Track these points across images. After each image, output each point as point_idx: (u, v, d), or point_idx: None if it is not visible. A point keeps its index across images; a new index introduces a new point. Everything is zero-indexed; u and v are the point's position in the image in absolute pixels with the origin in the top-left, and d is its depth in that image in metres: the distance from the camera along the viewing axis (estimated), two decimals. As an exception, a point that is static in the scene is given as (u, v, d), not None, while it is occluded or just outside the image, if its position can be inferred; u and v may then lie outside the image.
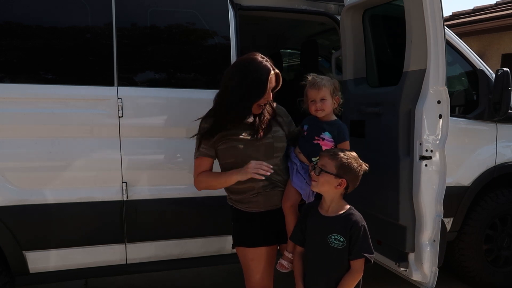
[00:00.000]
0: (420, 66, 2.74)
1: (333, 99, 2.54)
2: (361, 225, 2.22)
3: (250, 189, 2.43)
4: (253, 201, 2.44)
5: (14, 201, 2.71)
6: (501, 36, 9.65)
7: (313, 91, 2.52)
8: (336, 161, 2.22)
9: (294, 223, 2.42)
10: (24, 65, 2.76)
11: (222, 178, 2.44)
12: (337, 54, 3.93)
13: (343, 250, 2.19)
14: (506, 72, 3.43)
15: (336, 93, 2.56)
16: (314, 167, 2.26)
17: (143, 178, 2.94)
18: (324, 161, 2.25)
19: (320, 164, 2.25)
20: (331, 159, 2.23)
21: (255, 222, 2.47)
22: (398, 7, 2.96)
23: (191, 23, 3.12)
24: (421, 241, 2.86)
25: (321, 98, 2.51)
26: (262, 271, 2.50)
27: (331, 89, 2.52)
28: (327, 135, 2.51)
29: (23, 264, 2.80)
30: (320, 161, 2.28)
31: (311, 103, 2.54)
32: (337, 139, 2.52)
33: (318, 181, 2.24)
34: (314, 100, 2.53)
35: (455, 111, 3.58)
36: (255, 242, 2.47)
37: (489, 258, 3.86)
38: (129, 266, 3.03)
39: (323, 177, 2.22)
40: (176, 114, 2.98)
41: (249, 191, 2.43)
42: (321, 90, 2.50)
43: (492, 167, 3.66)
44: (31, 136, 2.72)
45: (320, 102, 2.51)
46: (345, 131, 2.55)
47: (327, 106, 2.51)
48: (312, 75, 2.59)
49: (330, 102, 2.52)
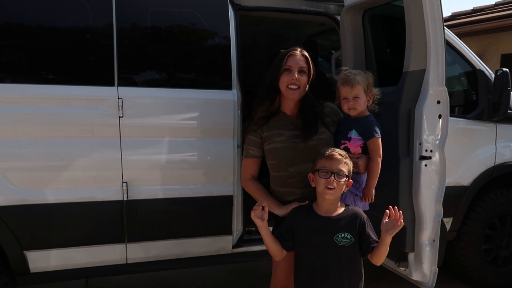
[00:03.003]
0: (420, 66, 2.75)
1: (367, 96, 2.41)
2: (365, 218, 2.25)
3: (291, 194, 2.44)
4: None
5: (14, 201, 2.71)
6: (501, 36, 9.66)
7: (345, 89, 2.39)
8: (348, 165, 2.22)
9: None
10: (24, 65, 2.76)
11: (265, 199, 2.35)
12: (337, 54, 3.94)
13: (352, 247, 2.20)
14: (506, 72, 3.44)
15: (370, 89, 2.42)
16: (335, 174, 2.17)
17: (144, 178, 2.94)
18: (341, 166, 2.19)
19: (337, 169, 2.18)
20: (344, 163, 2.21)
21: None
22: (398, 7, 2.96)
23: (191, 23, 3.13)
24: (421, 240, 2.87)
25: (354, 96, 2.37)
26: (289, 270, 2.48)
27: (365, 85, 2.39)
28: (354, 133, 2.40)
29: (24, 264, 2.80)
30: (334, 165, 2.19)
31: (344, 101, 2.42)
32: (365, 136, 2.38)
33: (336, 188, 2.18)
34: (346, 98, 2.40)
35: (454, 111, 3.59)
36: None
37: (489, 258, 3.87)
38: (129, 266, 3.03)
39: (342, 182, 2.19)
40: (176, 114, 2.98)
41: (291, 196, 2.44)
42: (355, 88, 2.36)
43: (491, 167, 3.67)
44: (31, 136, 2.72)
45: (353, 101, 2.38)
46: (372, 127, 2.39)
47: (360, 104, 2.39)
48: (345, 69, 2.48)
49: (364, 100, 2.39)
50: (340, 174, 2.18)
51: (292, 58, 2.41)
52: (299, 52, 2.43)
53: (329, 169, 2.18)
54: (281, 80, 2.40)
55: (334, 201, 2.25)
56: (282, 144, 2.41)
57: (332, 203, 2.24)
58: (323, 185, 2.18)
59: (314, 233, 2.24)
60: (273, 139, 2.43)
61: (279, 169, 2.44)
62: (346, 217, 2.24)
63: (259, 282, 3.98)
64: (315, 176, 2.23)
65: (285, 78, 2.39)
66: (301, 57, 2.42)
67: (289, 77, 2.38)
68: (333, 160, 2.19)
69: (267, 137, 2.45)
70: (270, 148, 2.44)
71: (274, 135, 2.43)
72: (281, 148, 2.41)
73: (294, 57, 2.41)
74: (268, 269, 2.70)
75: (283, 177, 2.45)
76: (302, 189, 2.41)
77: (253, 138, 2.50)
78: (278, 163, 2.43)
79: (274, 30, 4.96)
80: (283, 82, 2.40)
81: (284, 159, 2.41)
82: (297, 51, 2.43)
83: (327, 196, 2.20)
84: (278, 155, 2.41)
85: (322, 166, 2.20)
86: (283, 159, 2.41)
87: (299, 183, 2.42)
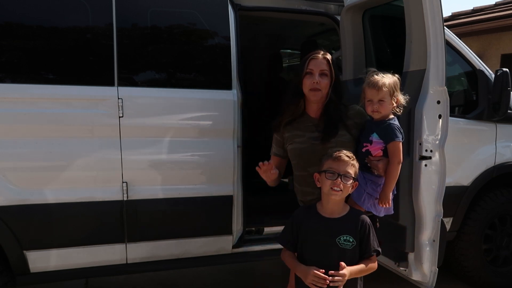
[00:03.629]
0: (420, 66, 2.75)
1: (392, 100, 2.38)
2: (369, 223, 2.24)
3: (310, 194, 2.47)
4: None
5: (14, 201, 2.71)
6: (501, 36, 9.66)
7: (371, 91, 2.36)
8: (355, 167, 2.22)
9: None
10: (24, 65, 2.76)
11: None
12: (337, 54, 3.93)
13: (353, 250, 2.19)
14: (506, 72, 3.43)
15: (397, 94, 2.39)
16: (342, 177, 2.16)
17: (144, 178, 2.94)
18: (348, 168, 2.19)
19: (344, 171, 2.17)
20: (351, 165, 2.20)
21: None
22: (398, 7, 2.96)
23: (191, 23, 3.13)
24: (421, 241, 2.87)
25: (379, 100, 2.35)
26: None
27: (391, 89, 2.35)
28: (375, 137, 2.38)
29: (24, 264, 2.80)
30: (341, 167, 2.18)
31: (368, 103, 2.40)
32: (386, 139, 2.36)
33: (343, 190, 2.18)
34: (371, 100, 2.38)
35: (454, 111, 3.58)
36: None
37: (489, 258, 3.87)
38: (129, 266, 3.03)
39: (349, 185, 2.19)
40: (176, 114, 2.98)
41: (309, 196, 2.48)
42: (381, 91, 2.33)
43: (491, 167, 3.67)
44: (31, 136, 2.72)
45: (377, 104, 2.35)
46: (394, 131, 2.36)
47: (384, 108, 2.36)
48: (373, 71, 2.45)
49: (388, 104, 2.37)
50: (347, 176, 2.18)
51: (314, 61, 2.45)
52: (321, 56, 2.46)
53: (336, 171, 2.17)
54: (304, 84, 2.45)
55: (339, 202, 2.25)
56: (302, 145, 2.47)
57: (336, 203, 2.24)
58: (328, 186, 2.18)
59: (317, 234, 2.23)
60: (294, 139, 2.50)
61: (299, 169, 2.52)
62: (350, 219, 2.23)
63: (259, 282, 3.98)
64: (321, 177, 2.23)
65: (307, 81, 2.43)
66: (323, 60, 2.46)
67: (310, 80, 2.42)
68: (340, 161, 2.19)
69: (289, 138, 2.53)
70: (291, 148, 2.52)
71: (295, 136, 2.50)
72: (300, 149, 2.48)
73: (316, 60, 2.45)
74: (268, 269, 2.70)
75: (303, 176, 2.51)
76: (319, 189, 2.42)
77: (276, 136, 2.62)
78: (298, 163, 2.51)
79: (274, 30, 4.96)
80: (306, 85, 2.44)
81: (302, 159, 2.47)
82: (319, 54, 2.47)
83: (333, 197, 2.20)
84: (297, 155, 2.49)
85: (329, 167, 2.20)
86: (302, 159, 2.47)
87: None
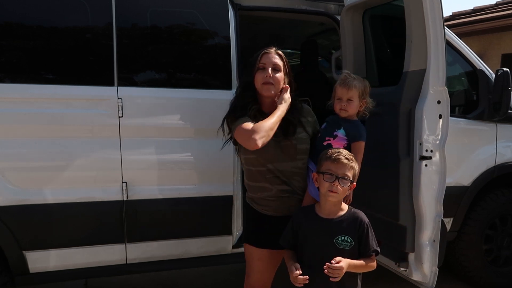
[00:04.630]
0: (420, 66, 2.74)
1: (360, 102, 2.47)
2: (367, 223, 2.23)
3: (267, 190, 2.43)
4: (270, 205, 2.46)
5: (14, 201, 2.71)
6: (501, 36, 9.65)
7: (342, 90, 2.46)
8: (354, 169, 2.20)
9: None
10: (24, 65, 2.76)
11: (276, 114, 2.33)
12: (337, 54, 3.93)
13: (351, 250, 2.19)
14: (506, 72, 3.43)
15: (365, 96, 2.49)
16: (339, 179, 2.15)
17: (143, 178, 2.94)
18: (347, 170, 2.17)
19: (342, 174, 2.16)
20: (350, 167, 2.19)
21: (267, 225, 2.48)
22: (398, 7, 2.96)
23: (191, 23, 3.12)
24: (421, 241, 2.86)
25: (348, 99, 2.45)
26: (263, 271, 2.54)
27: (360, 91, 2.46)
28: (341, 132, 2.44)
29: (23, 264, 2.80)
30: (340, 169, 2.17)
31: (337, 101, 2.49)
32: (351, 137, 2.43)
33: (340, 192, 2.16)
34: (340, 99, 2.47)
35: (455, 111, 3.58)
36: (264, 243, 2.49)
37: (489, 258, 3.86)
38: (129, 266, 3.03)
39: (346, 187, 2.18)
40: (176, 114, 2.98)
41: (266, 192, 2.44)
42: (351, 91, 2.44)
43: (492, 167, 3.67)
44: (31, 136, 2.72)
45: (345, 102, 2.45)
46: (361, 131, 2.46)
47: (352, 107, 2.45)
48: (346, 73, 2.54)
49: (356, 104, 2.46)
50: (345, 179, 2.16)
51: (266, 56, 2.43)
52: (273, 51, 2.45)
53: (334, 173, 2.16)
54: (256, 79, 2.41)
55: (337, 203, 2.24)
56: None
57: (334, 204, 2.23)
58: (326, 187, 2.17)
59: (315, 235, 2.23)
60: None
61: (257, 164, 2.44)
62: (348, 219, 2.22)
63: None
64: (319, 177, 2.22)
65: (260, 76, 2.40)
66: (275, 55, 2.44)
67: (263, 74, 2.40)
68: (339, 164, 2.17)
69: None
70: None
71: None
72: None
73: (268, 55, 2.43)
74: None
75: (261, 172, 2.44)
76: (279, 185, 2.42)
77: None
78: (256, 158, 2.42)
79: (274, 30, 4.96)
80: (258, 80, 2.41)
81: (263, 155, 2.39)
82: (271, 49, 2.46)
83: (330, 198, 2.19)
84: (258, 151, 2.35)
85: (327, 169, 2.18)
86: (262, 154, 2.39)
87: (276, 179, 2.43)
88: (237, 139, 2.41)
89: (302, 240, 2.26)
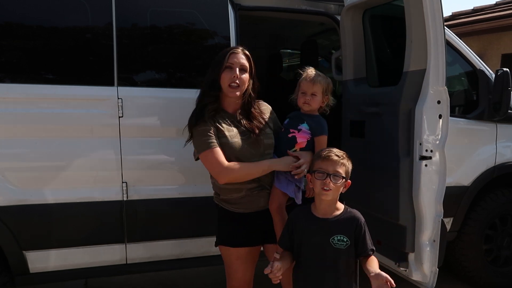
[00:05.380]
0: (420, 66, 2.74)
1: (323, 98, 2.57)
2: (363, 222, 2.23)
3: (238, 190, 2.43)
4: (241, 202, 2.45)
5: (14, 201, 2.71)
6: (501, 36, 9.65)
7: (306, 84, 2.55)
8: (346, 166, 2.20)
9: (282, 223, 2.41)
10: (24, 65, 2.76)
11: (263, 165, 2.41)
12: (337, 54, 3.92)
13: (347, 250, 2.19)
14: (506, 72, 3.43)
15: (328, 93, 2.58)
16: (331, 176, 2.15)
17: (143, 178, 2.94)
18: (338, 167, 2.17)
19: (333, 171, 2.16)
20: (341, 164, 2.18)
21: (240, 223, 2.47)
22: (398, 7, 2.96)
23: (191, 23, 3.12)
24: (421, 241, 2.86)
25: (312, 93, 2.53)
26: (244, 270, 2.55)
27: (324, 87, 2.55)
28: (305, 126, 2.53)
29: (23, 264, 2.80)
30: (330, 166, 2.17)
31: (301, 95, 2.57)
32: (314, 131, 2.52)
33: (333, 189, 2.16)
34: (304, 93, 2.55)
35: (455, 111, 3.58)
36: (240, 242, 2.49)
37: (489, 258, 3.86)
38: (129, 266, 3.03)
39: (339, 184, 2.17)
40: (176, 114, 2.96)
41: (237, 192, 2.43)
42: (315, 86, 2.53)
43: (492, 167, 3.67)
44: (31, 136, 2.72)
45: (309, 96, 2.54)
46: (324, 126, 2.56)
47: (315, 102, 2.54)
48: (311, 69, 2.61)
49: (319, 100, 2.55)
50: (337, 175, 2.16)
51: (234, 55, 2.40)
52: (241, 51, 2.44)
53: (325, 171, 2.16)
54: (223, 78, 2.38)
55: (332, 202, 2.24)
56: (232, 139, 2.38)
57: (329, 204, 2.23)
58: (319, 186, 2.17)
59: (311, 235, 2.23)
60: (222, 133, 2.39)
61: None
62: (344, 219, 2.22)
63: (259, 282, 3.97)
64: (312, 177, 2.22)
65: (227, 76, 2.37)
66: (243, 55, 2.42)
67: (230, 74, 2.37)
68: (329, 161, 2.18)
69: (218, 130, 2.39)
70: (221, 142, 2.38)
71: (223, 130, 2.39)
72: (230, 144, 2.38)
73: (236, 55, 2.40)
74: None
75: None
76: (248, 184, 2.42)
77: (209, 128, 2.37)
78: (228, 159, 2.37)
79: (274, 30, 4.96)
80: (225, 80, 2.38)
81: (233, 155, 2.37)
82: (239, 49, 2.45)
83: (324, 197, 2.19)
84: (227, 150, 2.36)
85: (318, 168, 2.19)
86: (232, 154, 2.37)
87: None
88: (204, 164, 2.40)
89: (298, 241, 2.26)
